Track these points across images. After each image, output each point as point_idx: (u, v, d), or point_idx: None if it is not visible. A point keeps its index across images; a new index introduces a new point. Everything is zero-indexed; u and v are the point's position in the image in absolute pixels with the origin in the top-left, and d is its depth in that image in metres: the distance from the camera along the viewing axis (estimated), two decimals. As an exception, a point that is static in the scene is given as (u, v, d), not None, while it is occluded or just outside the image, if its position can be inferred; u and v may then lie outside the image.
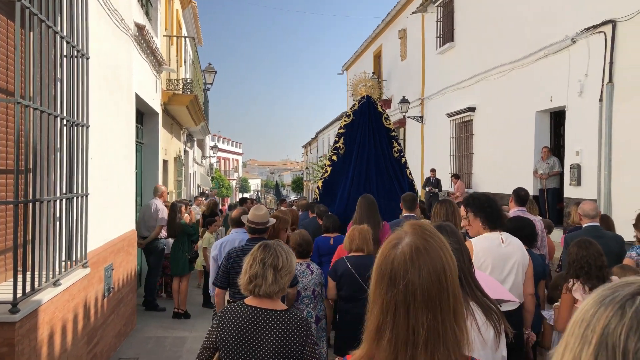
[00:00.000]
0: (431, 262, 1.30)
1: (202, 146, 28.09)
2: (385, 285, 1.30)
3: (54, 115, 3.83)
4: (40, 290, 3.55)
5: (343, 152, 7.68)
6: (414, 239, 1.34)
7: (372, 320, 1.33)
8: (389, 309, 1.28)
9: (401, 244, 1.34)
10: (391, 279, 1.30)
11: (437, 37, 15.67)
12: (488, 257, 3.58)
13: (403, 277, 1.28)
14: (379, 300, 1.31)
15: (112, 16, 6.01)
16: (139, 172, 9.39)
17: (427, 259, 1.30)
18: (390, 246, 1.36)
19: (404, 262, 1.29)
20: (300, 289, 4.37)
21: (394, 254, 1.32)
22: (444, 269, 1.30)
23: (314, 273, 4.55)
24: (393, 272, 1.30)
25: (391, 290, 1.29)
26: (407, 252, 1.31)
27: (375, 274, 1.35)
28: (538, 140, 10.63)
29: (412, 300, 1.26)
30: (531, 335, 3.84)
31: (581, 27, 8.93)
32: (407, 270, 1.28)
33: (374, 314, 1.32)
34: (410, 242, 1.33)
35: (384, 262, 1.34)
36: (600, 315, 0.79)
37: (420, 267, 1.28)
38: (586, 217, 5.12)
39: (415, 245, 1.32)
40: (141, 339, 7.01)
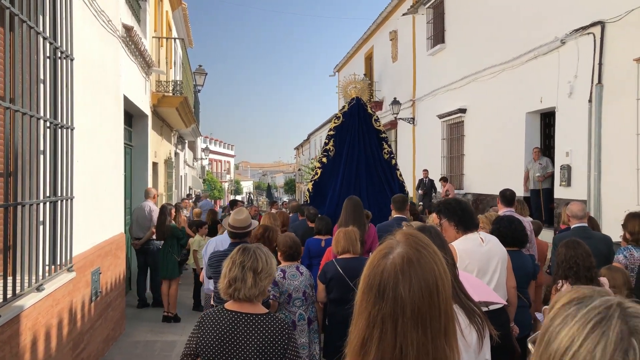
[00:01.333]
0: (423, 275, 1.21)
1: (194, 148, 27.98)
2: (372, 297, 1.21)
3: (37, 118, 3.76)
4: (22, 296, 3.48)
5: (333, 154, 7.66)
6: (406, 249, 1.25)
7: (357, 334, 1.23)
8: (376, 323, 1.19)
9: (392, 254, 1.25)
10: (379, 290, 1.21)
11: (428, 38, 15.69)
12: (472, 258, 3.59)
13: (392, 290, 1.19)
14: (365, 313, 1.22)
15: (98, 17, 5.94)
16: (128, 175, 9.31)
17: (419, 271, 1.21)
18: (380, 255, 1.27)
19: (394, 274, 1.20)
20: (291, 292, 4.32)
21: (384, 264, 1.23)
22: (437, 284, 1.22)
23: (304, 275, 4.49)
24: (382, 283, 1.21)
25: (379, 302, 1.20)
26: (398, 262, 1.22)
27: (363, 283, 1.26)
28: (528, 141, 10.65)
29: (401, 315, 1.17)
30: (514, 328, 3.86)
31: (570, 29, 8.95)
32: (398, 283, 1.19)
33: (358, 327, 1.23)
34: (402, 253, 1.24)
35: (373, 271, 1.25)
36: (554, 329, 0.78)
37: (411, 279, 1.20)
38: (574, 218, 5.13)
39: (407, 256, 1.23)
40: (130, 343, 6.93)
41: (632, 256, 4.60)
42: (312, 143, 41.91)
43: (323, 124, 35.31)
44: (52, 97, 4.13)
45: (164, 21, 13.15)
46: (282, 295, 4.33)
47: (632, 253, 4.61)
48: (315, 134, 40.01)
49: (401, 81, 18.07)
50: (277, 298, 4.29)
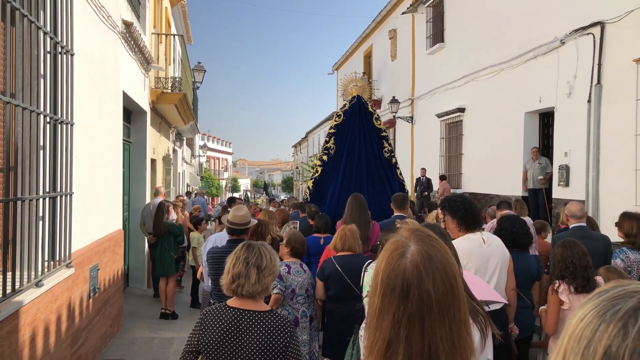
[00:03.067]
0: (443, 268, 1.22)
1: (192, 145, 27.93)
2: (396, 298, 1.20)
3: (37, 113, 3.75)
4: (21, 291, 3.47)
5: (334, 152, 7.65)
6: (421, 245, 1.25)
7: (380, 336, 1.22)
8: (402, 324, 1.18)
9: (408, 252, 1.24)
10: (403, 290, 1.20)
11: (427, 37, 15.68)
12: (471, 258, 3.58)
13: (417, 288, 1.19)
14: (389, 315, 1.20)
15: (98, 13, 5.92)
16: (127, 171, 9.28)
17: (439, 265, 1.22)
18: (397, 255, 1.25)
19: (417, 272, 1.20)
20: (295, 287, 4.32)
21: (404, 263, 1.22)
22: (454, 275, 1.23)
23: (307, 273, 4.49)
24: (405, 282, 1.20)
25: (403, 302, 1.19)
26: (419, 260, 1.22)
27: (382, 286, 1.24)
28: (527, 141, 10.66)
29: (428, 312, 1.18)
30: (514, 329, 3.85)
31: (570, 29, 8.96)
32: (422, 280, 1.19)
33: (381, 329, 1.21)
34: (419, 249, 1.24)
35: (392, 272, 1.23)
36: (601, 333, 0.74)
37: (434, 275, 1.20)
38: (573, 217, 5.14)
39: (425, 252, 1.23)
40: (128, 340, 6.92)
41: (629, 258, 4.59)
42: (310, 141, 41.87)
43: (321, 122, 35.26)
44: (52, 93, 4.12)
45: (163, 17, 13.10)
46: (287, 289, 4.33)
47: (628, 255, 4.61)
48: (313, 132, 39.96)
49: (400, 80, 18.06)
50: (283, 292, 4.30)
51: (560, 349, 0.81)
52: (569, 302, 3.59)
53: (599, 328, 0.75)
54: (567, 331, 0.81)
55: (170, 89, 11.79)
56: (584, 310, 0.80)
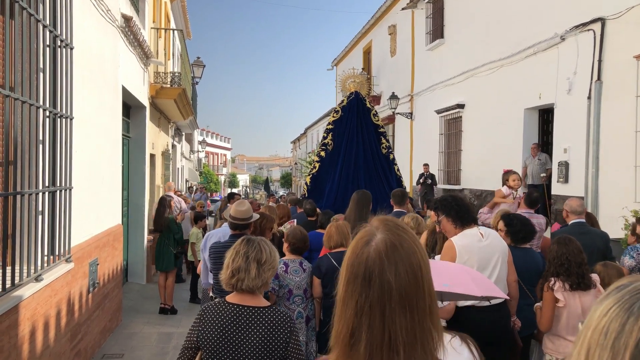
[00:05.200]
0: (407, 258, 1.21)
1: (191, 140, 27.91)
2: (358, 286, 1.21)
3: (36, 107, 3.73)
4: (21, 286, 3.46)
5: (331, 148, 7.65)
6: (387, 234, 1.25)
7: (344, 324, 1.22)
8: (364, 311, 1.19)
9: (374, 241, 1.24)
10: (365, 278, 1.20)
11: (427, 33, 15.65)
12: (472, 254, 3.59)
13: (379, 276, 1.19)
14: (352, 302, 1.21)
15: (97, 6, 5.90)
16: (126, 166, 9.27)
17: (403, 255, 1.21)
18: (362, 243, 1.26)
19: (380, 260, 1.20)
20: (292, 287, 4.28)
21: (368, 251, 1.23)
22: (420, 265, 1.22)
23: (306, 272, 4.44)
24: (367, 270, 1.20)
25: (365, 290, 1.19)
26: (382, 248, 1.21)
27: (347, 273, 1.25)
28: (526, 138, 10.66)
29: (389, 300, 1.18)
30: (517, 322, 3.86)
31: (570, 25, 8.95)
32: (384, 269, 1.19)
33: (345, 317, 1.22)
34: (384, 238, 1.24)
35: (357, 260, 1.24)
36: (632, 326, 0.74)
37: (396, 264, 1.20)
38: (573, 213, 5.14)
39: (390, 241, 1.23)
40: (127, 334, 6.92)
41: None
42: (309, 137, 41.84)
43: (320, 118, 35.23)
44: (51, 86, 4.10)
45: (162, 12, 13.06)
46: (282, 289, 4.31)
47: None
48: (312, 127, 39.92)
49: (399, 76, 18.04)
50: (276, 291, 4.28)
51: (583, 344, 0.80)
52: (564, 299, 3.60)
53: (628, 321, 0.75)
54: (589, 326, 0.81)
55: (169, 84, 11.76)
56: (606, 304, 0.80)
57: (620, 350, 0.74)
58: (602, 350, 0.76)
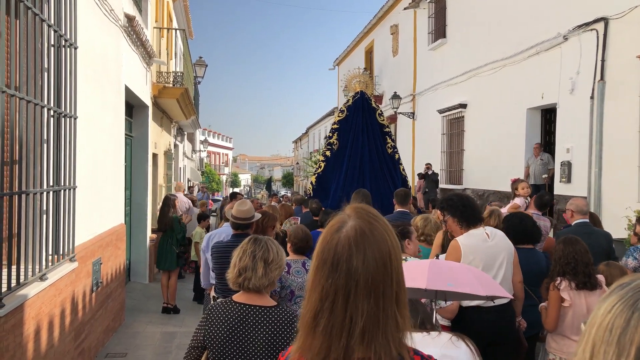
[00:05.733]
0: (377, 245, 1.22)
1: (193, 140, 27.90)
2: (326, 271, 1.21)
3: (41, 106, 3.74)
4: (26, 285, 3.46)
5: (337, 148, 7.66)
6: (358, 221, 1.25)
7: (309, 308, 1.23)
8: (328, 296, 1.20)
9: (345, 227, 1.25)
10: (333, 264, 1.21)
11: (429, 33, 15.63)
12: (477, 254, 3.59)
13: (346, 262, 1.20)
14: (319, 287, 1.22)
15: (101, 6, 5.90)
16: (129, 166, 9.28)
17: (372, 242, 1.22)
18: (333, 230, 1.27)
19: (348, 246, 1.21)
20: (294, 289, 4.25)
21: (337, 237, 1.23)
22: (390, 254, 1.22)
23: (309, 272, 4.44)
24: (336, 256, 1.21)
25: (332, 275, 1.20)
26: (352, 235, 1.22)
27: (317, 259, 1.26)
28: (529, 138, 10.64)
29: (354, 286, 1.18)
30: (522, 322, 3.86)
31: (573, 25, 8.93)
32: (352, 255, 1.19)
33: (311, 302, 1.23)
34: (354, 225, 1.24)
35: (327, 246, 1.24)
36: (636, 322, 0.74)
37: (365, 251, 1.20)
38: (578, 213, 5.12)
39: (360, 228, 1.23)
40: (130, 334, 6.93)
41: None
42: (310, 137, 41.82)
43: (322, 118, 35.21)
44: (55, 86, 4.10)
45: (165, 12, 13.07)
46: (284, 290, 4.28)
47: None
48: (314, 127, 39.90)
49: (401, 75, 18.02)
50: (278, 292, 4.26)
51: (588, 341, 0.81)
52: (569, 299, 3.59)
53: (633, 317, 0.75)
54: (593, 323, 0.81)
55: (172, 84, 11.76)
56: (609, 301, 0.81)
57: (626, 345, 0.74)
58: (608, 346, 0.77)
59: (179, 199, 9.53)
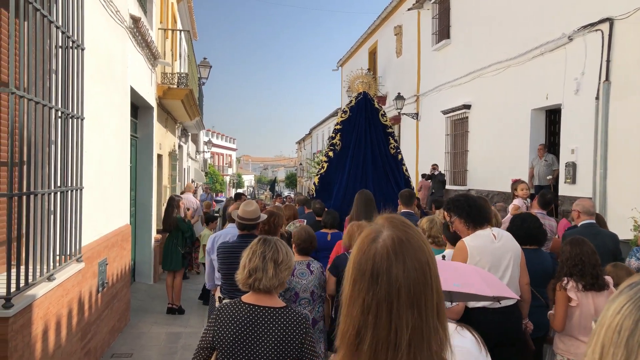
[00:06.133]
0: (415, 254, 1.20)
1: (197, 141, 27.97)
2: (365, 283, 1.19)
3: (49, 107, 3.76)
4: (34, 285, 3.48)
5: (340, 148, 7.66)
6: (393, 230, 1.23)
7: (350, 323, 1.20)
8: (370, 310, 1.17)
9: (381, 237, 1.23)
10: (372, 275, 1.18)
11: (433, 34, 15.63)
12: (483, 255, 3.58)
13: (386, 272, 1.17)
14: (359, 300, 1.19)
15: (107, 7, 5.93)
16: (134, 167, 9.30)
17: (410, 251, 1.20)
18: (368, 240, 1.24)
19: (387, 256, 1.18)
20: (298, 290, 4.25)
21: (375, 248, 1.21)
22: (428, 262, 1.21)
23: (314, 274, 4.36)
24: (375, 267, 1.18)
25: (373, 287, 1.17)
26: (390, 244, 1.20)
27: (353, 271, 1.23)
28: (533, 138, 10.63)
29: (396, 297, 1.15)
30: (528, 324, 3.84)
31: (578, 25, 8.92)
32: (392, 265, 1.17)
33: (351, 317, 1.20)
34: (390, 234, 1.22)
35: (363, 257, 1.22)
36: None
37: (404, 260, 1.18)
38: (585, 213, 5.10)
39: (397, 237, 1.21)
40: (135, 334, 6.95)
41: None
42: (314, 137, 41.84)
43: (326, 119, 35.21)
44: (63, 87, 4.12)
45: (169, 13, 13.11)
46: (289, 292, 4.29)
47: None
48: (317, 128, 39.90)
49: (405, 76, 18.02)
50: (283, 294, 4.26)
51: (597, 342, 0.80)
52: (577, 299, 3.58)
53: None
54: (602, 324, 0.81)
55: (176, 85, 11.79)
56: (618, 302, 0.80)
57: (634, 347, 0.74)
58: (616, 348, 0.76)
59: (187, 199, 9.55)
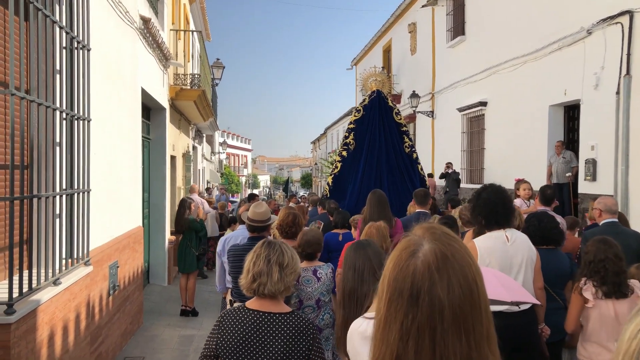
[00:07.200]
0: (461, 271, 1.04)
1: (212, 142, 28.03)
2: (404, 304, 1.04)
3: (53, 108, 3.69)
4: (39, 290, 3.42)
5: (353, 148, 7.55)
6: (435, 244, 1.08)
7: (387, 350, 1.05)
8: (410, 335, 1.02)
9: (421, 251, 1.07)
10: (412, 295, 1.03)
11: (448, 30, 15.43)
12: (494, 257, 3.43)
13: (428, 293, 1.02)
14: (396, 324, 1.04)
15: (116, 8, 5.88)
16: (147, 168, 9.29)
17: (456, 267, 1.04)
18: (406, 255, 1.08)
19: (429, 274, 1.03)
20: (302, 298, 4.09)
21: (414, 263, 1.05)
22: (476, 280, 1.05)
23: (322, 280, 4.12)
24: (415, 286, 1.03)
25: (412, 309, 1.02)
26: (432, 260, 1.05)
27: (389, 289, 1.08)
28: (551, 135, 10.40)
29: (440, 321, 1.00)
30: (545, 329, 3.68)
31: (597, 18, 8.68)
32: (434, 284, 1.02)
33: (388, 342, 1.05)
34: (432, 248, 1.07)
35: (401, 274, 1.06)
36: None
37: (449, 278, 1.03)
38: (608, 212, 4.90)
39: (440, 252, 1.06)
40: (148, 337, 6.91)
41: None
42: (329, 137, 41.78)
43: (340, 118, 35.13)
44: (68, 88, 4.06)
45: (182, 14, 13.10)
46: (292, 298, 4.15)
47: None
48: (332, 127, 39.84)
49: (420, 74, 17.83)
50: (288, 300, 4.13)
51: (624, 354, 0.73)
52: (593, 300, 3.43)
53: None
54: (619, 350, 0.74)
55: (189, 86, 11.76)
56: (635, 324, 0.73)
57: None
58: None
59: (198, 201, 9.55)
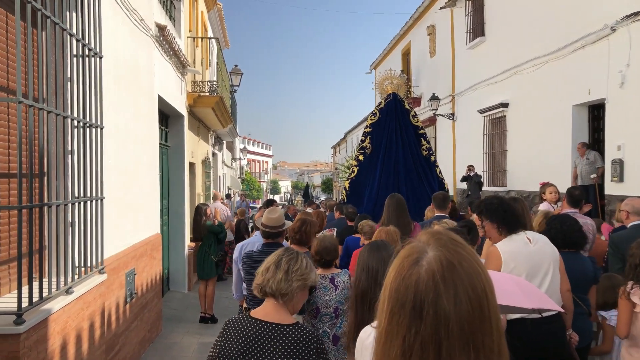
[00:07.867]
0: (469, 281, 0.95)
1: (232, 149, 28.15)
2: (406, 317, 0.95)
3: (63, 116, 3.67)
4: (50, 299, 3.38)
5: (370, 152, 7.45)
6: (441, 251, 0.99)
7: None
8: (413, 350, 0.93)
9: (424, 259, 0.99)
10: (415, 307, 0.95)
11: (467, 31, 15.24)
12: (519, 261, 3.29)
13: (433, 304, 0.94)
14: (398, 338, 0.96)
15: (130, 16, 5.89)
16: (166, 175, 9.30)
17: (463, 277, 0.95)
18: (409, 262, 0.99)
19: (434, 284, 0.94)
20: (320, 306, 3.98)
21: (417, 272, 0.97)
22: (485, 291, 0.95)
23: (339, 289, 3.94)
24: (418, 297, 0.95)
25: (415, 323, 0.94)
26: (437, 269, 0.96)
27: (390, 300, 0.99)
28: (575, 136, 10.14)
29: (446, 336, 0.92)
30: (573, 336, 3.53)
31: (621, 15, 8.44)
32: (439, 295, 0.93)
33: (390, 357, 0.96)
34: (438, 256, 0.98)
35: (403, 284, 0.98)
36: None
37: (456, 288, 0.94)
38: (635, 214, 4.70)
39: (446, 260, 0.97)
40: (166, 345, 6.88)
41: None
42: (348, 141, 41.71)
43: (360, 122, 35.03)
44: (80, 96, 4.05)
45: (199, 21, 13.16)
46: (309, 305, 4.04)
47: None
48: (351, 132, 39.78)
49: (440, 76, 17.64)
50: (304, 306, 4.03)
51: None
52: None
53: None
54: None
55: (207, 92, 11.79)
56: None
57: None
58: None
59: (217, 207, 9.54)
